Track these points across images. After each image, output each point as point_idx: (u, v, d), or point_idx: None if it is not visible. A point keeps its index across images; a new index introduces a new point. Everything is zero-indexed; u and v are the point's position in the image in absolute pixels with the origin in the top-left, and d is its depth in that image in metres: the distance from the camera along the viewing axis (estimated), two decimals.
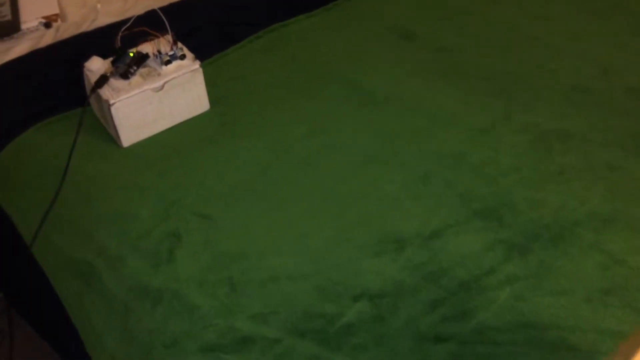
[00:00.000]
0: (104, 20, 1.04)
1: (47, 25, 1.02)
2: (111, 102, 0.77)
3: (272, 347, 0.58)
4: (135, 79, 0.81)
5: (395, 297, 0.62)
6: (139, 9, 0.99)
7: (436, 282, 0.63)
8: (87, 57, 0.83)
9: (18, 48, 0.97)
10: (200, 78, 0.84)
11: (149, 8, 0.94)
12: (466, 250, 0.66)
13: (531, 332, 0.58)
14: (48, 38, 1.00)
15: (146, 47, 0.84)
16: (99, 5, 1.06)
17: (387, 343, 0.58)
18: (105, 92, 0.79)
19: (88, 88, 0.83)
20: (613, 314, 0.59)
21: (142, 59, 0.82)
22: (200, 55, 0.85)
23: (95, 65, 0.82)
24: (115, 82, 0.80)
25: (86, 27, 1.04)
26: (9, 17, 0.99)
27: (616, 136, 0.79)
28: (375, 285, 0.63)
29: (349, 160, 0.78)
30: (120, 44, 0.82)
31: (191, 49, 0.85)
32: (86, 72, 0.82)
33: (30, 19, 1.01)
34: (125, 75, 0.80)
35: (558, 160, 0.76)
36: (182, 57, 0.82)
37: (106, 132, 0.84)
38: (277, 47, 1.00)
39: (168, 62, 0.81)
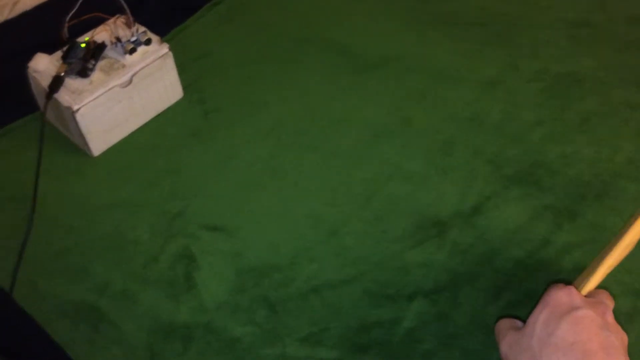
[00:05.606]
0: (27, 2, 0.88)
1: None
2: (75, 107, 0.65)
3: None
4: (96, 75, 0.68)
5: (453, 290, 0.56)
6: None
7: (491, 265, 0.58)
8: (20, 52, 0.69)
9: None
10: (171, 63, 0.72)
11: None
12: (512, 224, 0.61)
13: None
14: None
15: (100, 34, 0.71)
16: None
17: (457, 343, 0.53)
18: (63, 96, 0.66)
19: (38, 93, 0.70)
20: None
21: (98, 49, 0.69)
22: (155, 32, 0.72)
23: (42, 64, 0.68)
24: (73, 83, 0.67)
25: (7, 13, 0.88)
26: None
27: (628, 72, 0.75)
28: (427, 279, 0.57)
29: (359, 137, 0.70)
30: (67, 34, 0.69)
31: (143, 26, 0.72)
32: (32, 73, 0.68)
33: None
34: (83, 73, 0.67)
35: (578, 106, 0.72)
36: (148, 41, 0.70)
37: (67, 141, 0.72)
38: (241, 13, 0.88)
39: (133, 50, 0.69)
